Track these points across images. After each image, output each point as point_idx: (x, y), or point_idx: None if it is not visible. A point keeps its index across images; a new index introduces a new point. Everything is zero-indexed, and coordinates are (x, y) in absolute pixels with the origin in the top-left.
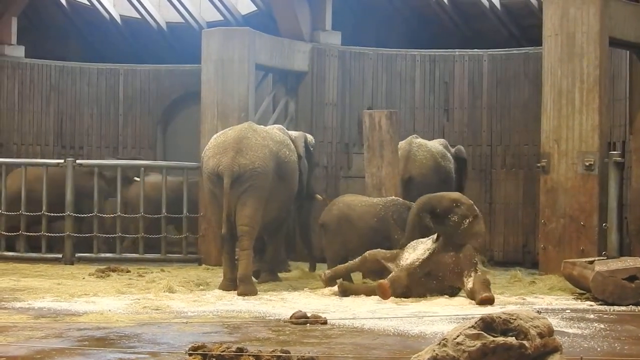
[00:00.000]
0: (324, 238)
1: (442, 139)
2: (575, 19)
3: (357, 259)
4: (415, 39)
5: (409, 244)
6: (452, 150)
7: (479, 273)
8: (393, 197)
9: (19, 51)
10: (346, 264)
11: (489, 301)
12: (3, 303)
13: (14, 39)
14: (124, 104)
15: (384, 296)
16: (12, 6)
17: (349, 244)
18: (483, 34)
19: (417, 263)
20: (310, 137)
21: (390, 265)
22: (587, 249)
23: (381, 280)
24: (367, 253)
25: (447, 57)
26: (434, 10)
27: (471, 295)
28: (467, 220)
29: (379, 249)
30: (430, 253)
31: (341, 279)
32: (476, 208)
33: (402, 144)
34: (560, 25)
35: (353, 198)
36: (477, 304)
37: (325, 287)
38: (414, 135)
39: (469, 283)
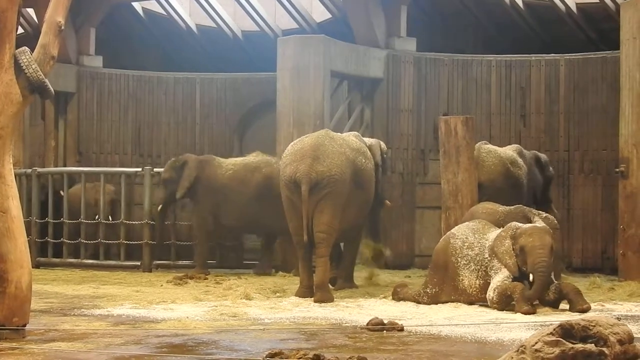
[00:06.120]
0: None
1: (516, 145)
2: None
3: (429, 292)
4: (491, 45)
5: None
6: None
7: (560, 282)
8: (519, 205)
9: (97, 61)
10: (416, 290)
11: (588, 311)
12: (83, 310)
13: (92, 50)
14: (201, 113)
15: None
16: (90, 17)
17: None
18: (560, 38)
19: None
20: (383, 145)
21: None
22: None
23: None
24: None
25: (523, 63)
26: (510, 15)
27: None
28: None
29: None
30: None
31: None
32: None
33: None
34: (639, 28)
35: (481, 205)
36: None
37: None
38: (483, 142)
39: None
